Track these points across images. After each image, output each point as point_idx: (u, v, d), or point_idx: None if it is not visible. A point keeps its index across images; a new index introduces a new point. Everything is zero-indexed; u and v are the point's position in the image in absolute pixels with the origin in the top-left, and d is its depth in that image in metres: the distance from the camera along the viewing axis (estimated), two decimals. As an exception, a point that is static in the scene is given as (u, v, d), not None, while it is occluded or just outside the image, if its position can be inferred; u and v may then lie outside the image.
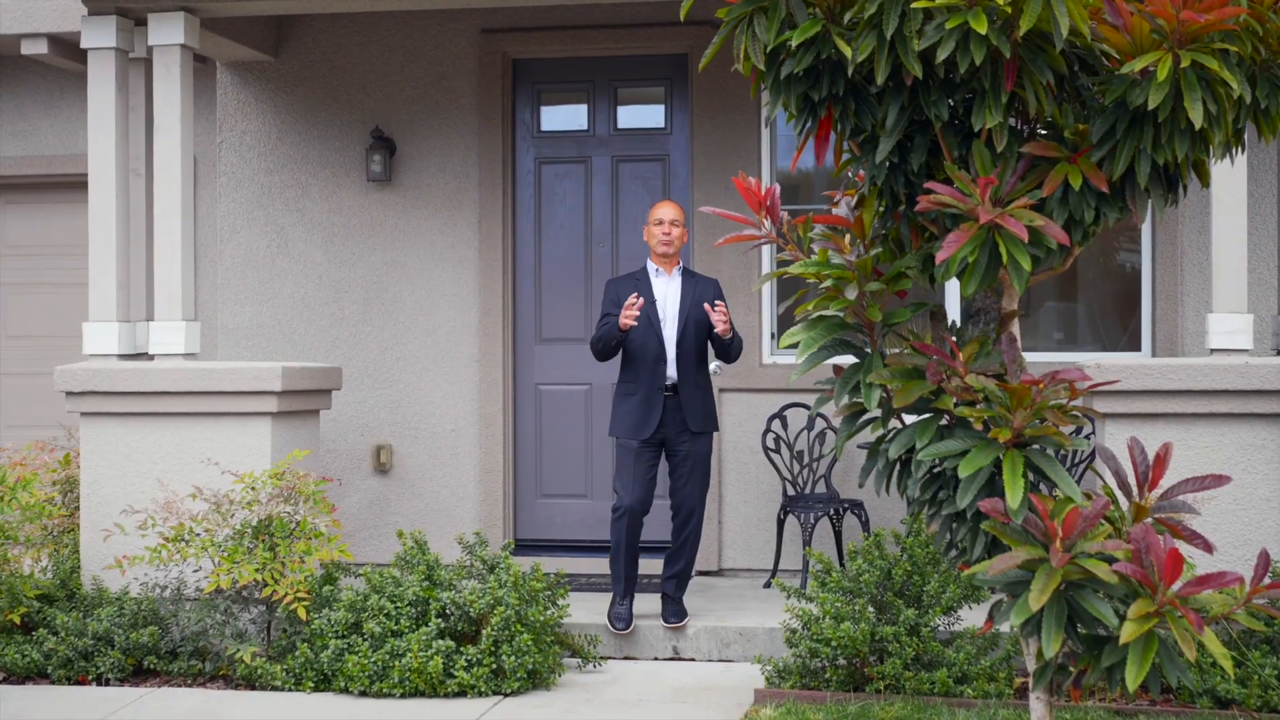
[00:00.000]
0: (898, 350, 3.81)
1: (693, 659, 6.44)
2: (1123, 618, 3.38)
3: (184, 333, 7.03)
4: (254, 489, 6.22)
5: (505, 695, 5.82)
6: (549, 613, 6.07)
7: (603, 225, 8.14)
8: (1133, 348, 7.64)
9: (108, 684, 6.13)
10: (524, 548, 7.96)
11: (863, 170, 3.93)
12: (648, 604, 6.65)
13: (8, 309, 9.74)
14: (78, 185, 8.91)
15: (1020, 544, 3.44)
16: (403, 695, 5.80)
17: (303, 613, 5.97)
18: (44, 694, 6.02)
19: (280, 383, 6.58)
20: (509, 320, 8.16)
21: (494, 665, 5.83)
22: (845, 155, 3.96)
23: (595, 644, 6.27)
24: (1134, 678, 3.25)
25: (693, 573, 6.72)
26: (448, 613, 5.96)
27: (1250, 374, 5.78)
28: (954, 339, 3.85)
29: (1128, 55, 3.49)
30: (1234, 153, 3.81)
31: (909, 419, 3.77)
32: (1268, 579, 3.48)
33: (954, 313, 7.38)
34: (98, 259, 7.16)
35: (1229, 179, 6.04)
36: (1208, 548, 3.58)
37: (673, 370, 6.43)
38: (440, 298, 8.16)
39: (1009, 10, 3.41)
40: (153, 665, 6.16)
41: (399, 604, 5.98)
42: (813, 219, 3.95)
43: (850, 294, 3.71)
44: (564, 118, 8.24)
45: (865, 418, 3.86)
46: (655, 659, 6.45)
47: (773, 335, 7.89)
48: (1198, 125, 3.42)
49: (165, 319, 7.06)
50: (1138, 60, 3.42)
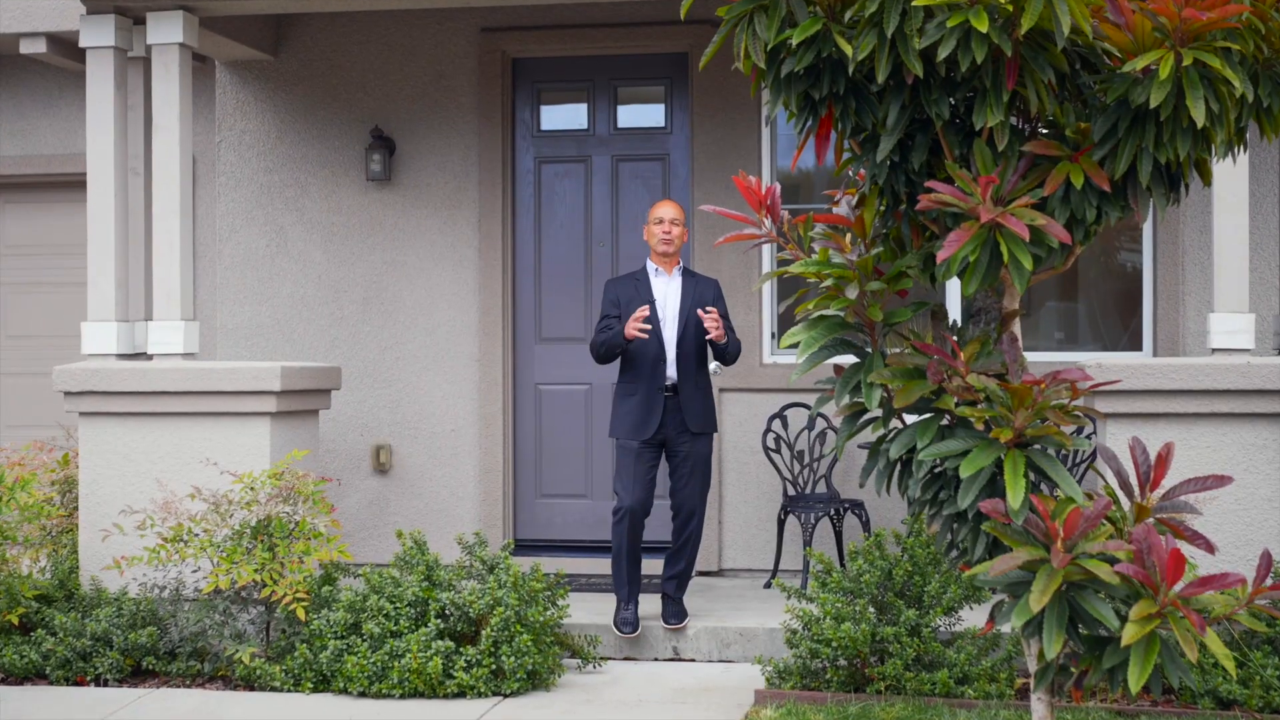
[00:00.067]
0: (899, 350, 3.80)
1: (693, 659, 6.43)
2: (1124, 619, 3.37)
3: (183, 332, 7.02)
4: (253, 489, 6.20)
5: (505, 696, 5.81)
6: (549, 613, 6.06)
7: (603, 225, 8.13)
8: (1134, 347, 7.63)
9: (106, 685, 6.12)
10: (524, 548, 7.94)
11: (863, 169, 3.91)
12: (648, 604, 6.64)
13: (7, 309, 9.73)
14: (77, 185, 8.89)
15: (1021, 544, 3.43)
16: (402, 696, 5.79)
17: (302, 613, 5.96)
18: (42, 695, 6.00)
19: (279, 382, 6.56)
20: (509, 320, 8.15)
21: (493, 666, 5.82)
22: (846, 154, 3.95)
23: (595, 644, 6.25)
24: (1136, 679, 3.24)
25: (693, 573, 6.71)
26: (447, 613, 5.95)
27: (1252, 374, 5.77)
28: (955, 338, 3.84)
29: (1129, 53, 3.48)
30: (1236, 151, 3.80)
31: (910, 419, 3.76)
32: (1270, 580, 3.47)
33: (955, 312, 7.38)
34: (96, 258, 7.14)
35: (1231, 178, 6.03)
36: (1209, 548, 3.56)
37: (673, 370, 6.42)
38: (440, 297, 8.15)
39: (1010, 8, 3.40)
40: (151, 666, 6.14)
41: (398, 604, 5.97)
42: (813, 218, 3.94)
43: (851, 293, 3.70)
44: (564, 117, 8.23)
45: (866, 417, 3.85)
46: (655, 659, 6.44)
47: (773, 335, 7.88)
48: (1200, 124, 3.40)
49: (164, 319, 7.04)
50: (1140, 58, 3.41)
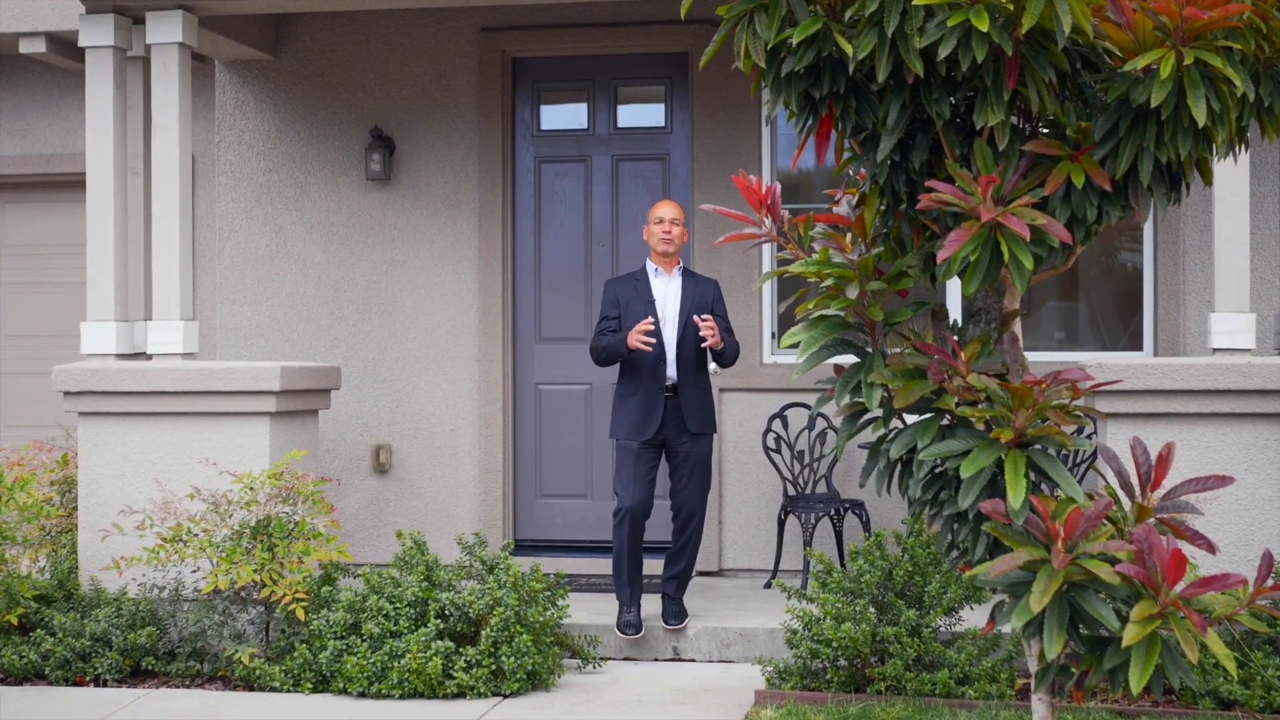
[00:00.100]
0: (899, 350, 3.79)
1: (693, 660, 6.42)
2: (1125, 619, 3.36)
3: (182, 332, 7.01)
4: (252, 489, 6.20)
5: (505, 696, 5.80)
6: (549, 613, 6.05)
7: (603, 224, 8.12)
8: (1134, 347, 7.62)
9: (105, 685, 6.11)
10: (523, 548, 7.94)
11: (864, 169, 3.90)
12: (648, 605, 6.62)
13: (6, 309, 9.72)
14: (76, 184, 8.89)
15: (1022, 545, 3.42)
16: (401, 696, 5.78)
17: (301, 613, 5.95)
18: (41, 695, 6.00)
19: (279, 382, 6.55)
20: (509, 320, 8.14)
21: (493, 666, 5.81)
22: (846, 154, 3.94)
23: (595, 645, 6.25)
24: (1138, 680, 3.23)
25: (693, 573, 6.70)
26: (447, 613, 5.94)
27: (1253, 374, 5.76)
28: (955, 338, 3.83)
29: (1130, 53, 3.47)
30: (1237, 151, 3.79)
31: (910, 419, 3.75)
32: (1271, 580, 3.46)
33: (955, 312, 7.36)
34: (96, 258, 7.13)
35: (1232, 177, 6.02)
36: (1211, 548, 3.55)
37: (673, 371, 6.40)
38: (440, 297, 8.14)
39: (1011, 7, 3.39)
40: (151, 666, 6.14)
41: (398, 605, 5.96)
42: (814, 217, 3.93)
43: (851, 293, 3.69)
44: (564, 116, 8.22)
45: (866, 417, 3.84)
46: (655, 660, 6.43)
47: (773, 335, 7.87)
48: (1201, 123, 3.40)
49: (163, 318, 7.03)
50: (1141, 58, 3.40)
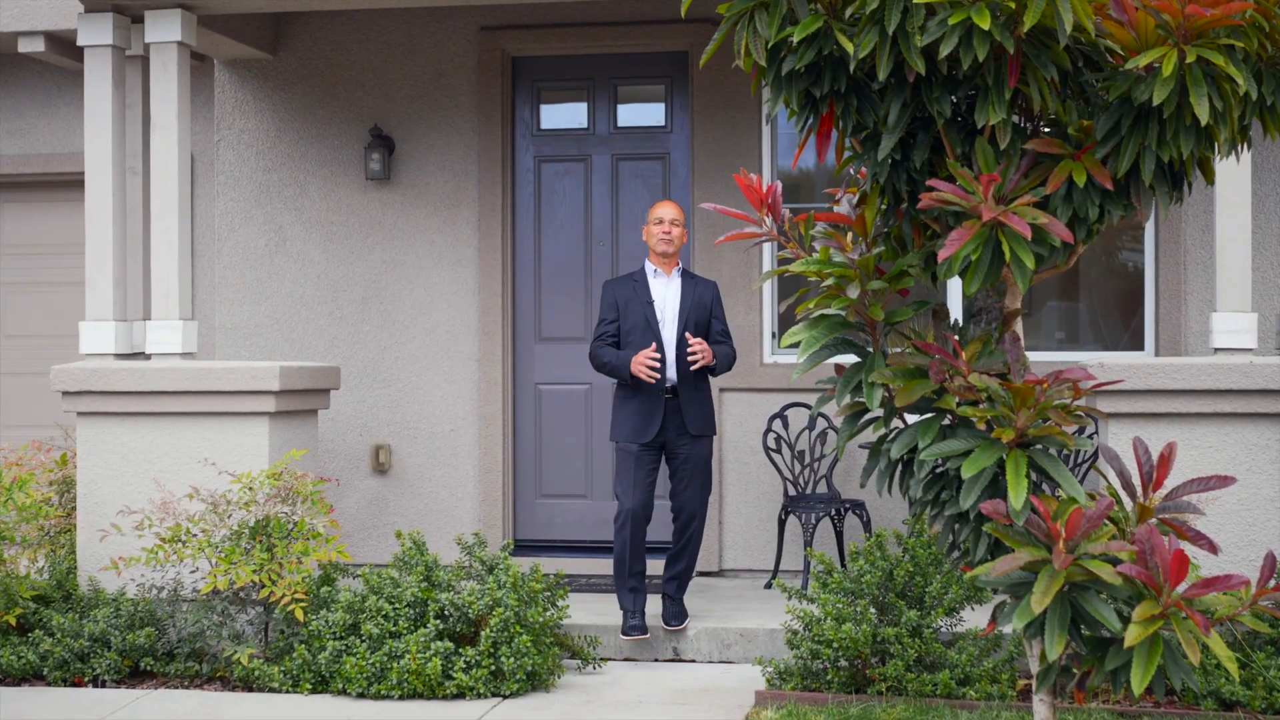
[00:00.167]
0: (900, 349, 3.78)
1: (693, 660, 6.40)
2: (1127, 620, 3.34)
3: (181, 332, 7.00)
4: (251, 489, 6.18)
5: (504, 697, 5.78)
6: (548, 614, 6.04)
7: (603, 224, 8.11)
8: (1135, 347, 7.61)
9: (104, 686, 6.10)
10: (523, 548, 7.92)
11: (865, 168, 3.89)
12: (649, 605, 6.60)
13: (5, 308, 9.71)
14: (75, 184, 8.87)
15: (1023, 545, 3.40)
16: (401, 697, 5.77)
17: (300, 614, 5.94)
18: (40, 696, 5.98)
19: (278, 382, 6.54)
20: (508, 319, 8.13)
21: (493, 667, 5.80)
22: (847, 152, 3.92)
23: (595, 645, 6.23)
24: (1139, 681, 3.22)
25: (693, 574, 6.68)
26: (446, 614, 5.92)
27: (1254, 373, 5.75)
28: (956, 338, 3.82)
29: (1132, 51, 3.46)
30: (1239, 150, 3.78)
31: (911, 419, 3.74)
32: (1274, 581, 3.44)
33: (956, 311, 7.35)
34: (94, 258, 7.12)
35: (1233, 176, 6.01)
36: (1213, 549, 3.54)
37: (672, 373, 6.39)
38: (439, 297, 8.13)
39: (1013, 6, 3.38)
40: (149, 667, 6.12)
41: (397, 605, 5.95)
42: (814, 217, 3.92)
43: (852, 292, 3.68)
44: (564, 116, 8.21)
45: (867, 417, 3.83)
46: (655, 660, 6.42)
47: (774, 334, 7.86)
48: (1203, 122, 3.38)
49: (162, 318, 7.02)
50: (1143, 56, 3.38)
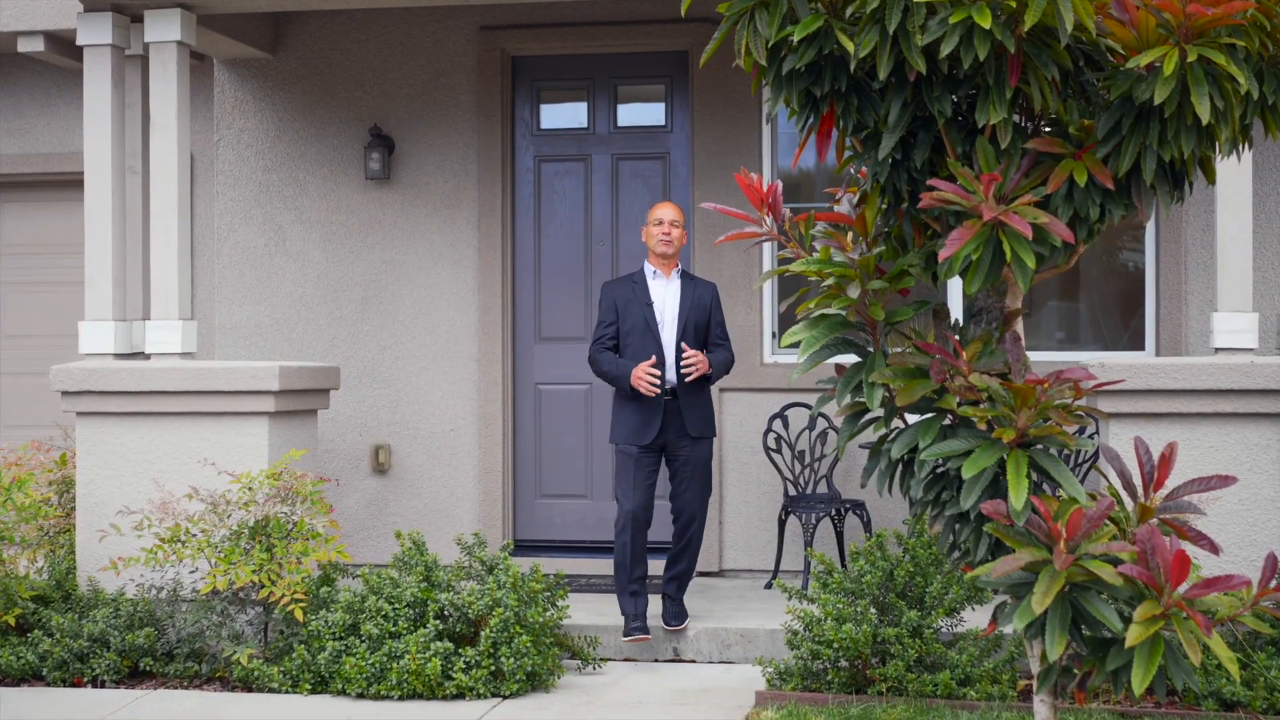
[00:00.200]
0: (900, 349, 3.77)
1: (693, 661, 6.40)
2: (1127, 620, 3.34)
3: (180, 332, 6.99)
4: (251, 489, 6.18)
5: (504, 697, 5.78)
6: (548, 614, 6.03)
7: (603, 224, 8.10)
8: (1136, 347, 7.60)
9: (103, 686, 6.09)
10: (523, 548, 7.92)
11: (865, 167, 3.88)
12: (649, 605, 6.60)
13: (5, 308, 9.70)
14: (75, 183, 8.86)
15: (1024, 545, 3.40)
16: (401, 697, 5.76)
17: (300, 614, 5.93)
18: (39, 696, 5.98)
19: (277, 382, 6.53)
20: (508, 319, 8.12)
21: (493, 667, 5.79)
22: (847, 152, 3.92)
23: (595, 645, 6.22)
24: (1140, 681, 3.21)
25: (694, 574, 6.67)
26: (446, 614, 5.92)
27: (1255, 373, 5.74)
28: (957, 338, 3.81)
29: (1133, 50, 3.45)
30: (1240, 149, 3.77)
31: (911, 419, 3.73)
32: (1275, 581, 3.43)
33: (957, 311, 7.34)
34: (94, 257, 7.11)
35: (1234, 176, 6.01)
36: (1214, 549, 3.53)
37: (671, 375, 6.38)
38: (439, 296, 8.12)
39: (1014, 5, 3.37)
40: (149, 667, 6.12)
41: (397, 605, 5.94)
42: (815, 216, 3.91)
43: (852, 292, 3.67)
44: (564, 115, 8.20)
45: (867, 417, 3.82)
46: (655, 661, 6.41)
47: (774, 334, 7.85)
48: (1205, 121, 3.38)
49: (162, 318, 7.01)
50: (1144, 55, 3.38)
